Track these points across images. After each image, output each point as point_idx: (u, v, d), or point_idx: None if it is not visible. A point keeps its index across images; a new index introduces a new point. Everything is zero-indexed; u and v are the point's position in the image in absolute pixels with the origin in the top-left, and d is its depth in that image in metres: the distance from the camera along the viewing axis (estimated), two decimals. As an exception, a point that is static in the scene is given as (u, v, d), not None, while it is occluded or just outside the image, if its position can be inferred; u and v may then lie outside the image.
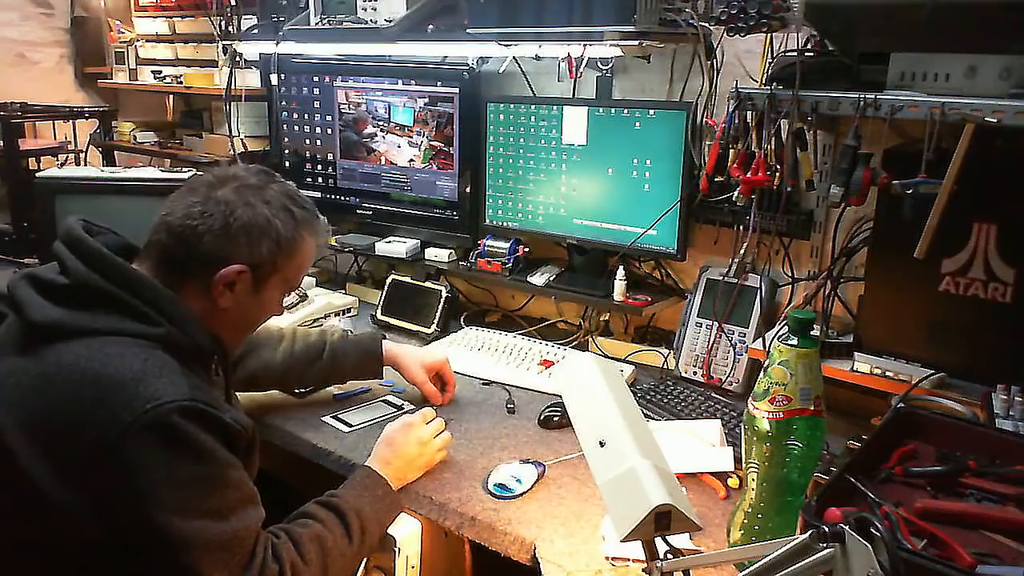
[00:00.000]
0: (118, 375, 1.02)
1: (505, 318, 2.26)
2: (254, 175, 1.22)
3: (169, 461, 1.00)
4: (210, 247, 1.14)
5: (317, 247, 1.28)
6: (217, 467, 1.05)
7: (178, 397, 1.02)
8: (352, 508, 1.24)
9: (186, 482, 1.02)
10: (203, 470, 1.03)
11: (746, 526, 1.16)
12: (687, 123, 1.76)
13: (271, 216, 1.18)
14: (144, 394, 1.00)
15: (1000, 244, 1.38)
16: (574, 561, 1.18)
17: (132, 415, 0.99)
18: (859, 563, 0.72)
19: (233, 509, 1.06)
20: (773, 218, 1.62)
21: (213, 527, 1.02)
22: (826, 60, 1.47)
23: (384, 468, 1.34)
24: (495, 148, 2.09)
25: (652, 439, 0.94)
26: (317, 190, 2.45)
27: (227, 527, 1.04)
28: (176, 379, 1.05)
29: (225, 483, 1.06)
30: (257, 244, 1.17)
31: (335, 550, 1.18)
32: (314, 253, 1.28)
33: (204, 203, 1.15)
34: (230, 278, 1.16)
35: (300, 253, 1.24)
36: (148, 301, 1.10)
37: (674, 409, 1.64)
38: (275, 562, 1.10)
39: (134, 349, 1.06)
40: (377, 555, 1.34)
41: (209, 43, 2.56)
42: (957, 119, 1.24)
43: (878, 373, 1.50)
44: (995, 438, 1.16)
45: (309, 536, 1.17)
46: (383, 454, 1.37)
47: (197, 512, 1.02)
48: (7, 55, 2.94)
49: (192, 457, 1.02)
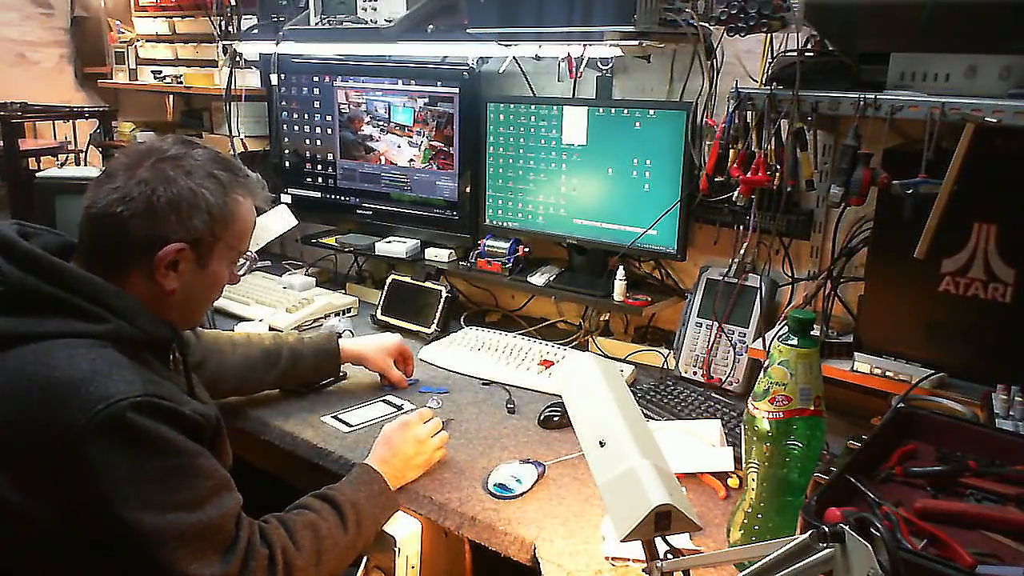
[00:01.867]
0: (67, 378, 0.99)
1: (505, 318, 2.26)
2: (171, 146, 1.16)
3: (130, 459, 0.99)
4: (140, 232, 1.10)
5: (256, 206, 1.23)
6: (182, 458, 1.03)
7: (131, 393, 0.99)
8: (348, 500, 1.24)
9: (151, 477, 1.00)
10: (167, 463, 1.01)
11: (746, 526, 1.16)
12: (687, 123, 1.76)
13: (195, 187, 1.13)
14: (96, 394, 0.98)
15: (1000, 244, 1.38)
16: (574, 561, 1.18)
17: (85, 417, 0.97)
18: (859, 563, 0.72)
19: (206, 498, 1.04)
20: (773, 218, 1.62)
21: (186, 518, 1.01)
22: (826, 60, 1.47)
23: (381, 466, 1.34)
24: (495, 148, 2.09)
25: (652, 439, 0.94)
26: (317, 190, 2.45)
27: (201, 516, 1.02)
28: (128, 375, 1.02)
29: (193, 473, 1.03)
30: (188, 218, 1.12)
31: (329, 539, 1.17)
32: (253, 213, 1.23)
33: (124, 187, 1.11)
34: (170, 258, 1.12)
35: (237, 217, 1.19)
36: (90, 298, 1.07)
37: (674, 409, 1.64)
38: (264, 546, 1.08)
39: (81, 350, 1.03)
40: (377, 555, 1.34)
41: (209, 43, 2.56)
42: (957, 119, 1.24)
43: (878, 373, 1.50)
44: (995, 438, 1.16)
45: (302, 523, 1.16)
46: (380, 453, 1.37)
47: (168, 506, 1.00)
48: (7, 55, 2.93)
49: (153, 452, 1.00)
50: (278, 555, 1.09)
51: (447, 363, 1.89)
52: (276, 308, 2.17)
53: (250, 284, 2.36)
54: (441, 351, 1.95)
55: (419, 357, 1.94)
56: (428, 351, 1.95)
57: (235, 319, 2.09)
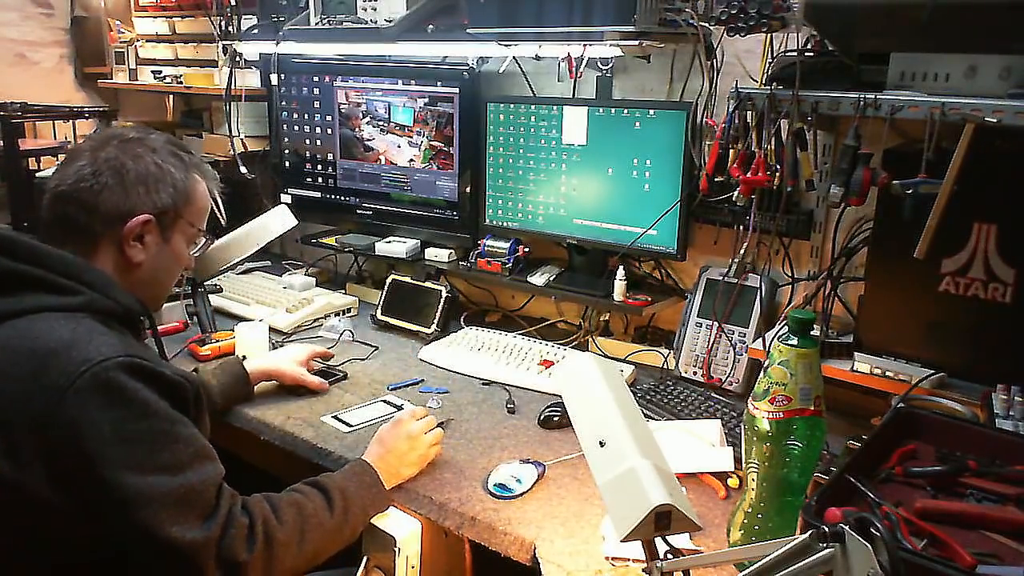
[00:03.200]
0: (49, 346, 1.02)
1: (505, 318, 2.26)
2: (132, 130, 1.24)
3: (114, 418, 1.00)
4: (110, 204, 1.16)
5: (209, 190, 1.31)
6: (164, 422, 1.04)
7: (113, 354, 1.02)
8: (336, 486, 1.25)
9: (134, 438, 1.01)
10: (150, 425, 1.03)
11: (746, 526, 1.16)
12: (687, 123, 1.76)
13: (161, 163, 1.20)
14: (78, 357, 1.01)
15: (1000, 244, 1.38)
16: (574, 561, 1.18)
17: (69, 379, 0.99)
18: (859, 563, 0.72)
19: (187, 463, 1.05)
20: (773, 218, 1.62)
21: (168, 481, 1.02)
22: (826, 60, 1.47)
23: (376, 462, 1.35)
24: (495, 148, 2.09)
25: (652, 439, 0.94)
26: (317, 190, 2.45)
27: (182, 480, 1.03)
28: (109, 339, 1.05)
29: (175, 438, 1.05)
30: (156, 192, 1.19)
31: (314, 518, 1.18)
32: (208, 195, 1.30)
33: (92, 164, 1.16)
34: (137, 230, 1.18)
35: (197, 195, 1.27)
36: (61, 272, 1.11)
37: (674, 409, 1.64)
38: (245, 515, 1.09)
39: (60, 321, 1.06)
40: (377, 555, 1.34)
41: (209, 43, 2.55)
42: (957, 119, 1.24)
43: (878, 373, 1.50)
44: (995, 438, 1.16)
45: (288, 501, 1.18)
46: (374, 450, 1.38)
47: (150, 467, 1.01)
48: (7, 55, 2.93)
49: (137, 413, 1.02)
50: (259, 526, 1.10)
51: (447, 363, 1.89)
52: (276, 308, 2.17)
53: (250, 284, 2.36)
54: (441, 351, 1.95)
55: (419, 357, 1.94)
56: (428, 351, 1.95)
57: (235, 319, 2.09)
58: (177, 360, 1.85)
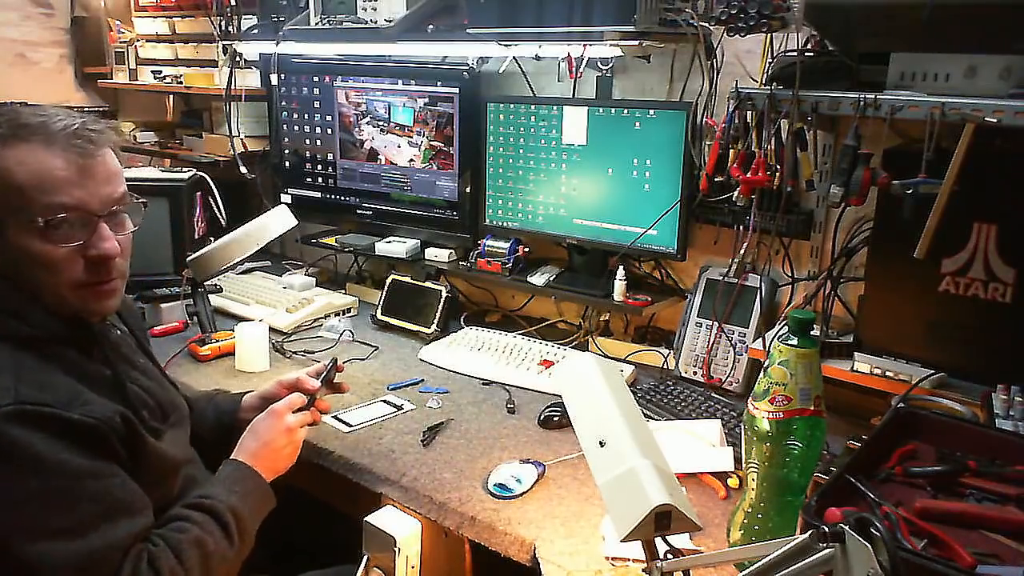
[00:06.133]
0: None
1: (505, 318, 2.26)
2: None
3: (3, 478, 0.89)
4: None
5: (42, 149, 1.01)
6: (63, 479, 0.93)
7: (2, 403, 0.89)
8: (228, 508, 1.14)
9: (24, 499, 0.90)
10: (44, 483, 0.91)
11: (746, 526, 1.16)
12: (687, 123, 1.76)
13: None
14: None
15: (1000, 244, 1.38)
16: (574, 561, 1.18)
17: None
18: (859, 563, 0.72)
19: (90, 525, 0.94)
20: (773, 218, 1.62)
21: (63, 547, 0.91)
22: (826, 60, 1.47)
23: (253, 461, 1.24)
24: (495, 148, 2.09)
25: (652, 439, 0.94)
26: (317, 190, 2.45)
27: (82, 546, 0.92)
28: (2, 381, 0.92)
29: (76, 496, 0.93)
30: None
31: (217, 554, 1.09)
32: (34, 160, 1.00)
33: None
34: None
35: (9, 176, 0.99)
36: None
37: (674, 409, 1.64)
38: (151, 572, 0.99)
39: None
40: (377, 555, 1.34)
41: (209, 43, 2.56)
42: (957, 119, 1.24)
43: (878, 373, 1.50)
44: (995, 438, 1.16)
45: (188, 541, 1.06)
46: (250, 446, 1.27)
47: (43, 532, 0.90)
48: (7, 55, 2.93)
49: (27, 470, 0.90)
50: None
51: (447, 363, 1.89)
52: (276, 308, 2.17)
53: (250, 284, 2.36)
54: (441, 351, 1.95)
55: (419, 357, 1.94)
56: (428, 351, 1.95)
57: (235, 319, 2.09)
58: (177, 360, 1.86)
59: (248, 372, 1.83)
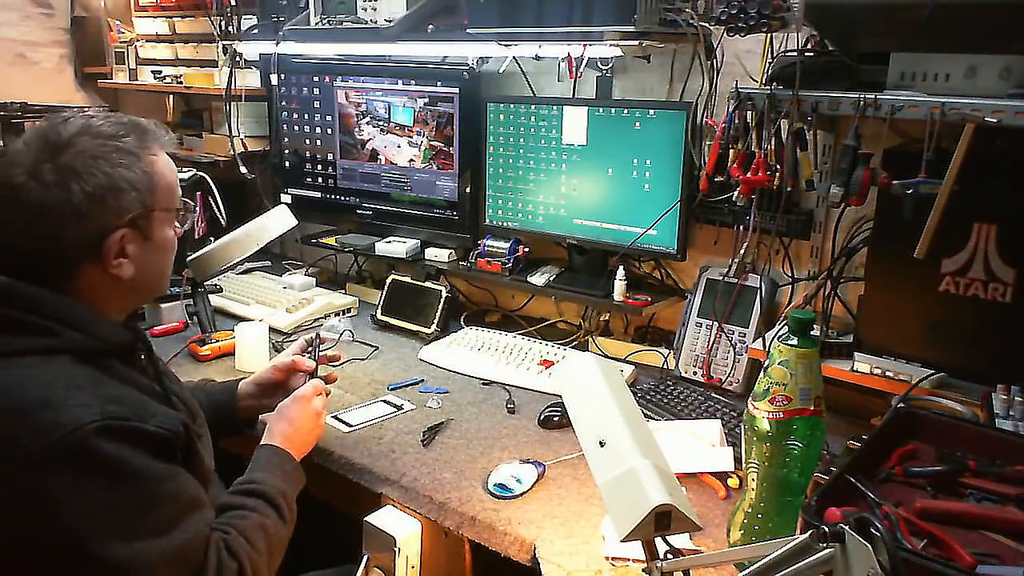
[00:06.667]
0: (22, 404, 0.94)
1: (505, 318, 2.26)
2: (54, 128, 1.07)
3: (94, 489, 0.94)
4: (74, 237, 1.03)
5: (167, 153, 1.15)
6: (148, 484, 0.98)
7: (88, 419, 0.93)
8: (278, 491, 1.24)
9: (118, 506, 0.95)
10: (133, 491, 0.97)
11: (746, 526, 1.16)
12: (687, 123, 1.76)
13: (109, 170, 1.05)
14: (53, 422, 0.92)
15: (1000, 244, 1.38)
16: (574, 561, 1.18)
17: (43, 448, 0.91)
18: (859, 563, 0.72)
19: (174, 522, 1.00)
20: (773, 218, 1.62)
21: (156, 545, 0.97)
22: (826, 60, 1.47)
23: (287, 445, 1.34)
24: (495, 148, 2.09)
25: (652, 439, 0.94)
26: (317, 190, 2.45)
27: (171, 541, 0.99)
28: (83, 397, 0.96)
29: (160, 499, 1.00)
30: (116, 203, 1.05)
31: (276, 535, 1.19)
32: (170, 163, 1.16)
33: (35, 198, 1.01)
34: (117, 246, 1.06)
35: (159, 177, 1.11)
36: (34, 311, 1.01)
37: (674, 409, 1.64)
38: (232, 559, 1.07)
39: (32, 370, 0.97)
40: (377, 555, 1.34)
41: (209, 43, 2.56)
42: (957, 119, 1.24)
43: (878, 373, 1.50)
44: (995, 438, 1.16)
45: (252, 527, 1.15)
46: (283, 430, 1.36)
47: (136, 534, 0.96)
48: (7, 55, 2.93)
49: (120, 480, 0.96)
50: (246, 566, 1.09)
51: (447, 363, 1.89)
52: (276, 308, 2.17)
53: (250, 284, 2.36)
54: (441, 351, 1.95)
55: (419, 357, 1.94)
56: (428, 351, 1.95)
57: (235, 319, 2.09)
58: (177, 360, 1.86)
59: (248, 372, 1.81)
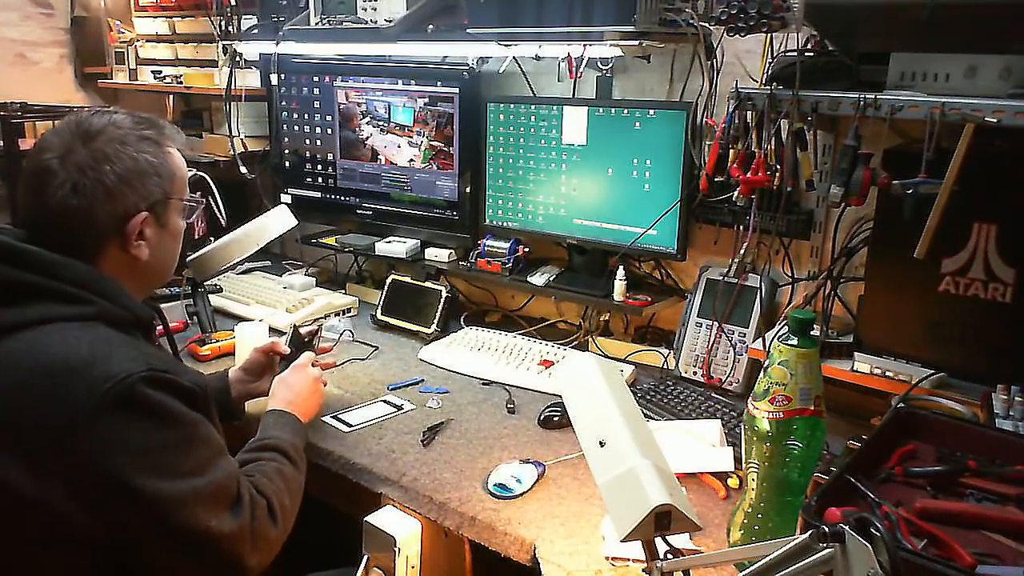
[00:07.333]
0: (68, 363, 1.02)
1: (505, 318, 2.26)
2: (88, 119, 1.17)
3: (145, 431, 1.03)
4: (104, 214, 1.14)
5: (180, 150, 1.27)
6: (188, 428, 1.08)
7: (136, 369, 1.03)
8: (288, 443, 1.33)
9: (164, 447, 1.04)
10: (176, 433, 1.06)
11: (746, 526, 1.16)
12: (687, 123, 1.76)
13: (136, 154, 1.16)
14: (101, 375, 1.01)
15: (1000, 244, 1.38)
16: (574, 561, 1.18)
17: (94, 398, 0.99)
18: (859, 563, 0.72)
19: (211, 462, 1.10)
20: (773, 218, 1.62)
21: (198, 481, 1.06)
22: (826, 60, 1.47)
23: (290, 408, 1.43)
24: (495, 148, 2.09)
25: (652, 439, 0.94)
26: (317, 190, 2.45)
27: (210, 478, 1.08)
28: (128, 352, 1.06)
29: (197, 441, 1.09)
30: (142, 185, 1.17)
31: (293, 480, 1.28)
32: (181, 156, 1.27)
33: (69, 177, 1.11)
34: (138, 228, 1.17)
35: (176, 168, 1.24)
36: (71, 281, 1.10)
37: (674, 409, 1.64)
38: (261, 496, 1.18)
39: (75, 332, 1.06)
40: (377, 555, 1.34)
41: (209, 43, 2.55)
42: (957, 119, 1.24)
43: (878, 373, 1.50)
44: (995, 438, 1.17)
45: (273, 472, 1.25)
46: (285, 396, 1.45)
47: (180, 473, 1.05)
48: (7, 55, 2.93)
49: (166, 423, 1.05)
50: (274, 502, 1.19)
51: (447, 363, 1.89)
52: (276, 308, 2.17)
53: (250, 284, 2.36)
54: (441, 351, 1.95)
55: (419, 357, 1.94)
56: (428, 351, 1.95)
57: (235, 319, 2.09)
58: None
59: (248, 372, 1.82)
